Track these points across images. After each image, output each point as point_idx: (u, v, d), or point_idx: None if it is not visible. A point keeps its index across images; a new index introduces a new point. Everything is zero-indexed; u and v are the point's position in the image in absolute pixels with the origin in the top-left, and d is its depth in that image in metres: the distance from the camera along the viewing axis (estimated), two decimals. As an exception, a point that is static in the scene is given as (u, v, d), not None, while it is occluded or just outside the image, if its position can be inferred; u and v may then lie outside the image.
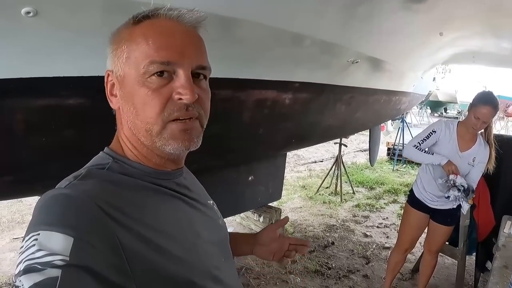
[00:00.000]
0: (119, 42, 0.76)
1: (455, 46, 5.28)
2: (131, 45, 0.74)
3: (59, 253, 0.57)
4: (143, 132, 0.76)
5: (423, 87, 7.98)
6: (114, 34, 0.78)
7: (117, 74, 0.76)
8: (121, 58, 0.75)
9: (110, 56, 0.78)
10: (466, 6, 3.31)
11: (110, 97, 0.80)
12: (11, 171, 1.77)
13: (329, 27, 2.67)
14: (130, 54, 0.74)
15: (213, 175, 2.98)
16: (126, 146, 0.81)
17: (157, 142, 0.76)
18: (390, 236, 5.14)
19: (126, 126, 0.80)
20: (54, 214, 0.63)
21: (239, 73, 2.40)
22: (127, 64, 0.74)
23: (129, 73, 0.74)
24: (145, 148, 0.79)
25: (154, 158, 0.81)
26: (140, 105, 0.74)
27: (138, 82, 0.73)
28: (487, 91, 2.96)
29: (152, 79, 0.73)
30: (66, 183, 0.70)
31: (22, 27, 1.44)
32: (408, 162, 9.89)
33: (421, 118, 21.95)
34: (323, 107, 3.64)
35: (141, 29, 0.75)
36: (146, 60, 0.72)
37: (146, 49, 0.73)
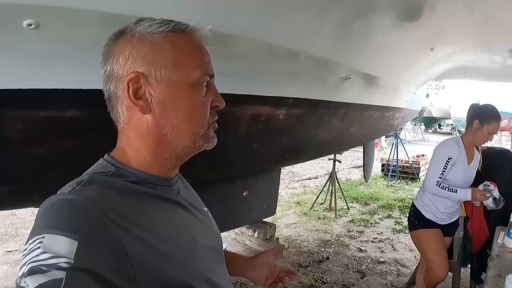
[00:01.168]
0: (156, 47, 0.77)
1: (447, 61, 5.36)
2: (179, 53, 0.78)
3: (64, 256, 0.58)
4: (187, 135, 0.81)
5: (416, 103, 8.08)
6: (142, 37, 0.78)
7: (158, 78, 0.77)
8: (165, 63, 0.77)
9: (138, 59, 0.77)
10: (457, 22, 3.37)
11: (136, 100, 0.77)
12: (9, 182, 1.78)
13: (322, 43, 2.72)
14: (179, 62, 0.78)
15: (209, 189, 2.99)
16: (133, 152, 0.82)
17: (199, 142, 0.83)
18: (385, 250, 5.14)
19: (155, 131, 0.80)
20: (59, 218, 0.65)
21: (234, 88, 2.43)
22: (175, 70, 0.78)
23: (177, 80, 0.78)
24: (169, 153, 0.83)
25: (168, 163, 0.84)
26: (191, 110, 0.80)
27: (186, 89, 0.79)
28: (490, 105, 3.01)
29: (201, 88, 0.81)
30: (69, 188, 0.71)
31: (24, 39, 1.46)
32: (402, 178, 9.92)
33: (415, 134, 22.05)
34: (317, 123, 3.67)
35: (187, 40, 0.81)
36: (199, 71, 0.80)
37: (197, 61, 0.81)
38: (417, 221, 3.11)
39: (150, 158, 0.82)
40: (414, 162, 10.18)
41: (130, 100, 0.77)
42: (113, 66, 0.77)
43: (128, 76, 0.76)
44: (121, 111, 0.80)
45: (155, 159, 0.82)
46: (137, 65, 0.76)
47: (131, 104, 0.78)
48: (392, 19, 3.01)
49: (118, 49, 0.78)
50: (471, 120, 2.93)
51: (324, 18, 2.48)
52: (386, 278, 4.34)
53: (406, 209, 7.07)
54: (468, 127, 3.00)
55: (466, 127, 3.04)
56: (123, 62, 0.77)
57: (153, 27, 0.77)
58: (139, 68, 0.76)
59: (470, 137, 2.95)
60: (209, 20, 1.79)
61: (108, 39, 0.81)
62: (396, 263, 4.73)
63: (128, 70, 0.76)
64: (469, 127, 2.98)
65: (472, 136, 2.94)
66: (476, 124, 2.90)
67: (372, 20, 2.84)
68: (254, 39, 2.19)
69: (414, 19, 3.10)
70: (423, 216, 3.07)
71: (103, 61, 0.80)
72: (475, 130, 2.92)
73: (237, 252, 4.72)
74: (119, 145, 0.84)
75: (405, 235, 5.72)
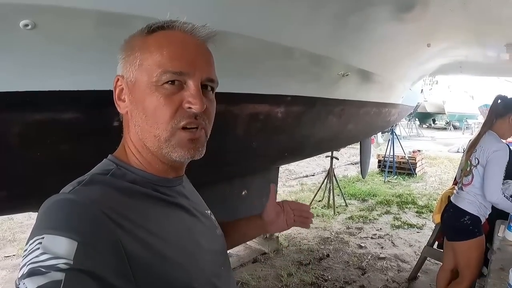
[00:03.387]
0: (132, 49, 0.79)
1: (443, 57, 5.37)
2: (145, 53, 0.77)
3: (63, 257, 0.58)
4: (151, 138, 0.78)
5: (412, 99, 8.08)
6: (127, 42, 0.81)
7: (128, 79, 0.79)
8: (134, 64, 0.77)
9: (121, 62, 0.81)
10: (452, 16, 3.37)
11: (118, 101, 0.82)
12: (6, 186, 1.76)
13: (319, 40, 2.70)
14: (143, 62, 0.77)
15: (208, 189, 2.97)
16: (130, 151, 0.82)
17: (164, 148, 0.78)
18: (385, 246, 5.14)
19: (133, 131, 0.81)
20: (59, 218, 0.64)
21: (231, 87, 2.42)
22: (139, 70, 0.77)
23: (141, 80, 0.77)
24: (150, 154, 0.81)
25: (157, 164, 0.82)
26: (151, 111, 0.76)
27: (150, 88, 0.76)
28: None
29: (164, 87, 0.75)
30: (70, 188, 0.71)
31: (20, 40, 1.44)
32: (399, 174, 9.94)
33: (410, 130, 22.12)
34: (315, 120, 3.67)
35: (156, 38, 0.78)
36: (159, 69, 0.75)
37: (160, 58, 0.75)
38: (477, 229, 2.84)
39: (140, 157, 0.82)
40: (410, 157, 10.21)
41: (115, 102, 0.82)
42: None
43: (114, 79, 0.81)
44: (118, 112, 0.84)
45: (144, 160, 0.82)
46: (119, 68, 0.81)
47: (117, 105, 0.83)
48: (388, 15, 3.00)
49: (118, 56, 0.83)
50: (506, 113, 2.83)
51: (320, 14, 2.47)
52: (387, 273, 4.35)
53: (404, 204, 7.11)
54: (499, 121, 2.86)
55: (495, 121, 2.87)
56: (117, 67, 0.82)
57: (138, 30, 0.80)
58: (120, 71, 0.81)
59: (506, 133, 2.85)
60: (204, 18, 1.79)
61: None
62: (396, 259, 4.74)
63: (116, 73, 0.82)
64: (502, 121, 2.85)
65: (508, 131, 2.84)
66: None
67: (368, 16, 2.83)
68: (250, 36, 2.17)
69: (411, 14, 3.09)
70: (480, 221, 2.86)
71: None
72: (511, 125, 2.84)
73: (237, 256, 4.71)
74: (122, 142, 0.86)
75: (404, 230, 5.75)
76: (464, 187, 2.90)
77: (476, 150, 2.85)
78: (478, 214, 2.83)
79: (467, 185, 2.88)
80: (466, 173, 2.91)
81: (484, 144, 2.82)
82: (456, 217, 2.91)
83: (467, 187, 2.88)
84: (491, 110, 2.93)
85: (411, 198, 7.54)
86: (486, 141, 2.82)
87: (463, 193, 2.91)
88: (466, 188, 2.89)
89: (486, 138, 2.85)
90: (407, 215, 6.54)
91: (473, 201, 2.84)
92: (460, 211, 2.88)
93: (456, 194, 3.01)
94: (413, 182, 9.17)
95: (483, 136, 2.88)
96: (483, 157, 2.78)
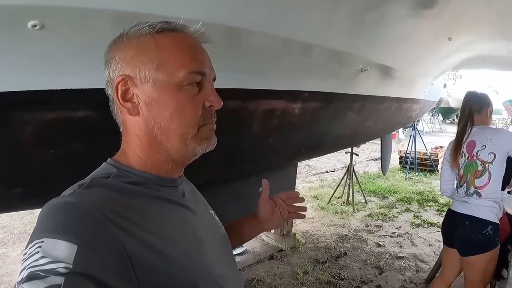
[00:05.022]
0: (141, 49, 0.78)
1: (465, 51, 5.24)
2: (162, 53, 0.77)
3: (62, 261, 0.57)
4: (176, 136, 0.79)
5: (434, 94, 7.92)
6: (129, 41, 0.79)
7: (142, 79, 0.78)
8: (148, 64, 0.77)
9: (123, 62, 0.78)
10: (475, 10, 3.27)
11: (124, 103, 0.79)
12: (21, 184, 1.78)
13: (337, 35, 2.65)
14: (162, 62, 0.77)
15: (224, 186, 2.97)
16: (134, 152, 0.82)
17: (190, 144, 0.80)
18: (404, 245, 5.07)
19: (146, 132, 0.80)
20: (59, 221, 0.64)
21: (248, 83, 2.40)
22: (158, 71, 0.77)
23: (161, 80, 0.77)
24: (164, 154, 0.81)
25: (167, 164, 0.83)
26: (178, 110, 0.78)
27: (173, 89, 0.77)
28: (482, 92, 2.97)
29: (190, 87, 0.79)
30: (70, 191, 0.71)
31: (29, 40, 1.44)
32: (421, 170, 9.80)
33: (433, 125, 21.77)
34: (333, 116, 3.61)
35: (171, 39, 0.79)
36: (184, 70, 0.77)
37: (182, 59, 0.78)
38: (497, 237, 2.65)
39: (146, 159, 0.82)
40: (432, 154, 10.06)
41: (119, 103, 0.79)
42: (108, 71, 0.80)
43: (116, 80, 0.78)
44: (117, 114, 0.83)
45: (151, 161, 0.82)
46: (124, 68, 0.78)
47: (121, 107, 0.80)
48: (408, 8, 2.93)
49: (112, 55, 0.80)
50: (484, 107, 2.83)
51: (338, 9, 2.42)
52: (405, 274, 4.28)
53: (425, 202, 7.01)
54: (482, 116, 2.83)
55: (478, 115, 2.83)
56: (114, 67, 0.79)
57: (142, 29, 0.79)
58: (126, 71, 0.78)
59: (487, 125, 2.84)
60: (221, 14, 1.77)
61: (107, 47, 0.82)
62: (415, 259, 4.67)
63: (118, 73, 0.78)
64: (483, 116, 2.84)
65: (487, 123, 2.83)
66: (490, 112, 2.85)
67: (387, 10, 2.77)
68: (267, 33, 2.14)
69: (431, 8, 3.01)
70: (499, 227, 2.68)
71: (104, 68, 0.82)
72: (489, 118, 2.85)
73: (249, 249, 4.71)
74: (122, 146, 0.85)
75: (424, 229, 5.66)
76: (481, 190, 2.67)
77: (485, 146, 2.68)
78: (498, 219, 2.65)
79: (482, 187, 2.67)
80: (478, 174, 2.70)
81: (493, 136, 2.70)
82: (476, 230, 2.65)
83: (483, 190, 2.67)
84: (467, 107, 2.87)
85: (432, 196, 7.42)
86: (492, 134, 2.73)
87: (481, 200, 2.66)
88: (483, 192, 2.66)
89: (487, 132, 2.76)
90: (428, 213, 6.44)
91: (495, 206, 2.65)
92: (480, 222, 2.63)
93: (465, 203, 2.74)
94: (435, 179, 9.00)
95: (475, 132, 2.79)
96: (500, 149, 2.64)
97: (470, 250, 2.69)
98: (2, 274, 4.31)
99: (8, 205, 1.98)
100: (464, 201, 2.74)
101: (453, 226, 2.79)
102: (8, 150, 1.65)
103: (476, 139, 2.75)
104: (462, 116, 2.90)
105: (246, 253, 4.67)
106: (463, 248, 2.75)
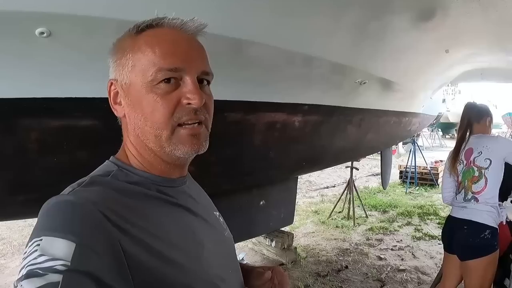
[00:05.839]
0: (123, 52, 0.78)
1: (463, 64, 5.29)
2: (136, 53, 0.76)
3: (60, 259, 0.58)
4: (152, 138, 0.77)
5: (433, 108, 7.97)
6: (116, 44, 0.81)
7: (122, 82, 0.78)
8: (126, 66, 0.77)
9: (113, 66, 0.80)
10: (472, 22, 3.31)
11: (114, 105, 0.82)
12: (23, 191, 1.78)
13: (337, 48, 2.69)
14: (136, 62, 0.76)
15: (225, 199, 2.97)
16: (131, 153, 0.82)
17: (167, 147, 0.77)
18: (405, 258, 5.05)
19: (132, 133, 0.81)
20: (57, 220, 0.64)
21: (249, 95, 2.42)
22: (133, 72, 0.76)
23: (135, 81, 0.76)
24: (152, 155, 0.80)
25: (160, 164, 0.82)
26: (149, 111, 0.75)
27: (145, 89, 0.75)
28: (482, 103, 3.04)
29: (160, 86, 0.75)
30: (69, 190, 0.71)
31: (36, 47, 1.46)
32: (421, 185, 9.79)
33: (433, 140, 21.79)
34: (333, 130, 3.64)
35: (146, 37, 0.77)
36: (153, 68, 0.74)
37: (153, 57, 0.75)
38: (496, 241, 2.68)
39: (141, 159, 0.82)
40: (432, 168, 10.05)
41: (111, 106, 0.82)
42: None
43: (108, 84, 0.81)
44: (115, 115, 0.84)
45: (146, 161, 0.82)
46: (112, 72, 0.81)
47: (113, 109, 0.82)
48: (406, 22, 2.97)
49: (109, 60, 0.82)
50: (484, 117, 2.90)
51: (338, 23, 2.46)
52: (407, 286, 4.26)
53: (425, 215, 6.98)
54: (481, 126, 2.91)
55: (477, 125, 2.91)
56: (109, 71, 0.81)
57: (128, 31, 0.79)
58: (112, 75, 0.80)
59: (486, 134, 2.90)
60: (223, 26, 1.80)
61: None
62: (416, 271, 4.64)
63: (109, 77, 0.81)
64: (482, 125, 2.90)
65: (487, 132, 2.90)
66: (489, 122, 2.91)
67: (386, 23, 2.81)
68: (269, 44, 2.17)
69: (429, 20, 3.06)
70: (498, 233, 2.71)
71: None
72: (488, 127, 2.91)
73: (252, 264, 4.69)
74: (122, 144, 0.86)
75: (425, 242, 5.63)
76: (478, 195, 2.73)
77: (481, 153, 2.76)
78: (496, 224, 2.68)
79: (479, 192, 2.72)
80: (475, 179, 2.75)
81: (488, 143, 2.78)
82: (474, 234, 2.68)
83: (480, 195, 2.72)
84: (466, 117, 2.95)
85: (433, 209, 7.40)
86: (488, 141, 2.81)
87: (478, 205, 2.71)
88: (480, 197, 2.72)
89: (483, 139, 2.83)
90: (429, 226, 6.42)
91: (492, 211, 2.68)
92: (478, 226, 2.67)
93: (464, 208, 2.78)
94: (435, 193, 8.99)
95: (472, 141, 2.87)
96: (496, 155, 2.71)
97: (469, 254, 2.72)
98: (0, 285, 4.28)
99: (9, 212, 1.99)
100: (463, 206, 2.80)
101: (452, 231, 2.83)
102: (11, 156, 1.67)
103: (473, 147, 2.83)
104: (461, 125, 2.98)
105: (247, 267, 4.63)
106: (462, 252, 2.78)
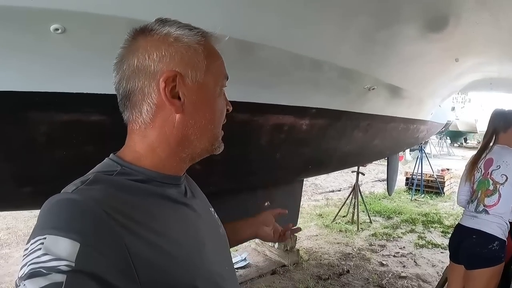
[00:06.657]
0: (193, 51, 0.79)
1: (473, 73, 5.25)
2: (209, 58, 0.82)
3: (65, 259, 0.57)
4: (209, 136, 0.84)
5: (442, 116, 7.93)
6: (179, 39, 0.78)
7: (193, 79, 0.79)
8: (200, 66, 0.80)
9: (177, 58, 0.77)
10: (483, 31, 3.30)
11: (172, 99, 0.77)
12: (31, 183, 1.81)
13: (347, 53, 2.71)
14: (210, 66, 0.82)
15: (230, 199, 2.98)
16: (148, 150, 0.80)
17: (215, 144, 0.86)
18: (407, 265, 5.05)
19: (178, 129, 0.79)
20: (61, 218, 0.64)
21: (257, 97, 2.44)
22: (207, 74, 0.81)
23: (208, 83, 0.82)
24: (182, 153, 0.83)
25: (179, 163, 0.84)
26: (219, 113, 0.85)
27: (217, 92, 0.84)
28: None
29: (223, 92, 0.87)
30: (73, 187, 0.70)
31: (50, 43, 1.49)
32: (427, 192, 9.75)
33: (441, 148, 21.66)
34: (340, 134, 3.64)
35: (212, 46, 0.84)
36: (222, 75, 0.86)
37: (221, 66, 0.86)
38: (503, 254, 2.67)
39: (165, 157, 0.81)
40: (439, 176, 10.00)
41: (166, 98, 0.76)
42: (143, 62, 0.76)
43: (164, 74, 0.75)
44: (146, 109, 0.77)
45: (170, 159, 0.82)
46: (174, 64, 0.77)
47: (162, 103, 0.77)
48: (416, 29, 2.97)
49: (149, 46, 0.77)
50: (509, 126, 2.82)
51: (348, 28, 2.48)
52: (408, 293, 4.25)
53: (430, 223, 6.96)
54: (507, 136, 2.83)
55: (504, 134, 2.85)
56: (157, 59, 0.76)
57: (185, 31, 0.79)
58: (177, 67, 0.77)
59: None
60: (232, 28, 1.83)
61: (129, 35, 0.80)
62: (417, 279, 4.65)
63: (164, 68, 0.76)
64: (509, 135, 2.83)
65: None
66: None
67: (396, 30, 2.82)
68: (278, 48, 2.20)
69: (439, 29, 3.06)
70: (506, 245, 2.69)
71: (124, 56, 0.78)
72: None
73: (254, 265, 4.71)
74: (129, 144, 0.82)
75: (428, 250, 5.62)
76: (489, 209, 2.71)
77: (499, 167, 2.72)
78: (505, 236, 2.67)
79: (491, 206, 2.70)
80: (489, 193, 2.73)
81: (509, 159, 2.72)
82: (482, 244, 2.67)
83: (492, 209, 2.70)
84: (492, 125, 2.89)
85: (438, 218, 7.38)
86: (507, 155, 2.74)
87: (489, 216, 2.70)
88: (491, 210, 2.70)
89: (505, 153, 2.77)
90: (432, 234, 6.41)
91: (502, 224, 2.66)
92: (487, 237, 2.66)
93: (475, 218, 2.77)
94: (441, 201, 8.97)
95: (496, 151, 2.81)
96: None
97: (475, 263, 2.70)
98: (4, 274, 4.36)
99: (17, 203, 2.02)
100: (473, 216, 2.78)
101: (460, 240, 2.82)
102: (20, 148, 1.69)
103: (494, 158, 2.78)
104: (486, 133, 2.93)
105: (249, 267, 4.67)
106: (468, 261, 2.76)
